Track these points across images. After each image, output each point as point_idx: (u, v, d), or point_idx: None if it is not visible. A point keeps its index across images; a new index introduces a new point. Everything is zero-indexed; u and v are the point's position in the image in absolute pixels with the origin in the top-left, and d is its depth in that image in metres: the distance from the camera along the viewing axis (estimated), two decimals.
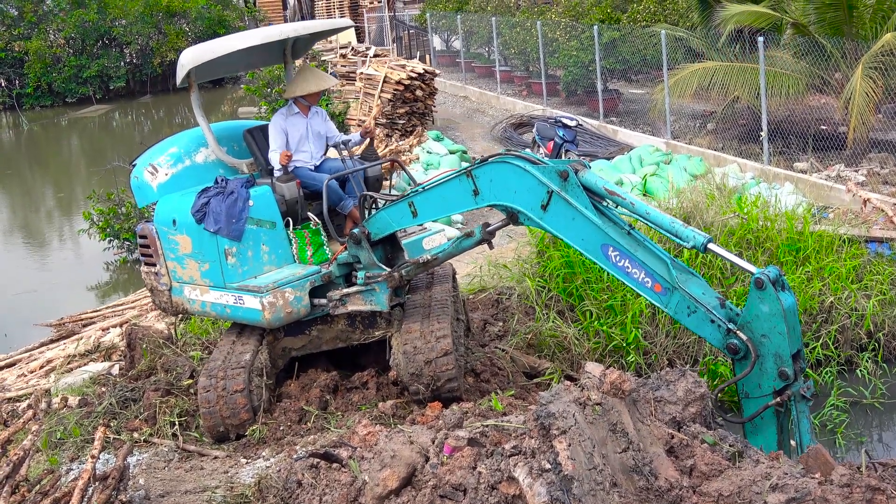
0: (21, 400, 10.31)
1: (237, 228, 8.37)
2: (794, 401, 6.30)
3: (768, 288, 6.11)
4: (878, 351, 10.06)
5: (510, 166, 7.10)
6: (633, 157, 17.30)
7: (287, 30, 9.35)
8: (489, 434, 6.14)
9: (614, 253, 6.67)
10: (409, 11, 42.17)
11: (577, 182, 6.77)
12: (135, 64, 42.34)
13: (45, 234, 21.38)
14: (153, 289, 9.26)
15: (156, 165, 9.09)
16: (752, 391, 6.41)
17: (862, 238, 11.38)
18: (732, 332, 6.33)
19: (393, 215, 8.10)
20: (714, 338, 6.48)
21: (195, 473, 7.54)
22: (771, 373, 6.27)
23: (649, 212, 6.62)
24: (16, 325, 14.20)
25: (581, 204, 6.75)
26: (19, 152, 33.27)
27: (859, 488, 5.03)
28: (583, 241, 6.83)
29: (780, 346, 6.19)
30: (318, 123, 9.39)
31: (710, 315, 6.42)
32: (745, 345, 6.29)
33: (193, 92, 9.18)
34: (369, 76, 22.77)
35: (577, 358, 9.65)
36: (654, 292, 6.60)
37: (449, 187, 7.56)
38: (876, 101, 15.26)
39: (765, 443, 6.38)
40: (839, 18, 16.72)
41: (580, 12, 27.11)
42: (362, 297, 8.42)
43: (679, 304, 6.50)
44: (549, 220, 6.95)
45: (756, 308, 6.22)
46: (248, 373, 8.29)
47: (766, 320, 6.18)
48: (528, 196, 7.02)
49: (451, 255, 8.20)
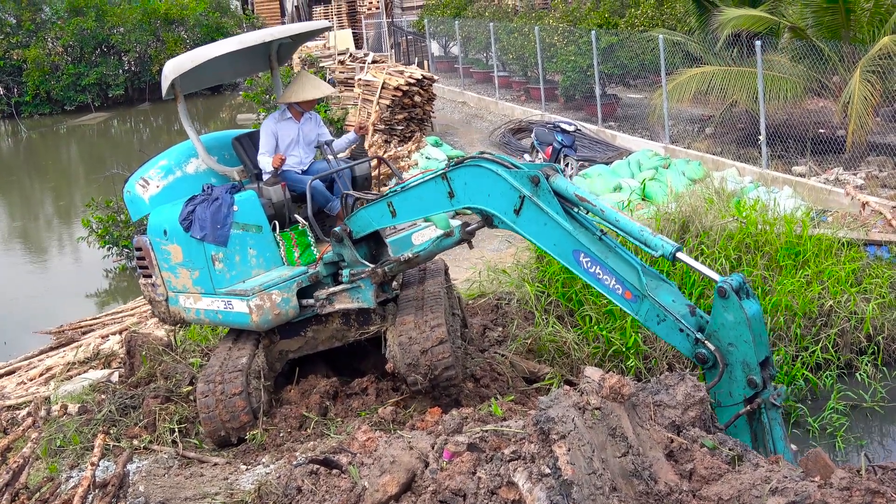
0: (21, 408, 10.31)
1: (222, 234, 8.42)
2: (765, 408, 6.35)
3: (731, 297, 6.15)
4: (878, 354, 10.05)
5: (483, 170, 7.14)
6: (631, 161, 17.30)
7: (264, 34, 9.39)
8: (489, 439, 6.15)
9: (585, 259, 6.71)
10: (407, 17, 42.18)
11: (549, 188, 6.81)
12: (133, 71, 42.36)
13: (44, 241, 21.38)
14: (151, 300, 9.29)
15: (147, 178, 9.15)
16: (724, 400, 6.44)
17: (861, 241, 11.38)
18: (700, 341, 6.36)
19: (373, 214, 8.14)
20: (683, 346, 6.51)
21: (195, 480, 7.53)
22: (740, 381, 6.30)
23: (618, 219, 6.66)
24: (15, 333, 14.20)
25: (552, 209, 6.79)
26: (18, 160, 33.27)
27: (859, 491, 5.03)
28: (555, 247, 6.88)
29: (747, 354, 6.22)
30: (310, 129, 9.44)
31: (678, 324, 6.45)
32: (712, 354, 6.32)
33: (180, 103, 9.25)
34: (368, 82, 22.78)
35: (577, 363, 9.65)
36: (624, 299, 6.64)
37: (425, 189, 7.60)
38: (874, 104, 15.28)
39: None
40: (837, 22, 16.74)
41: (578, 17, 27.13)
42: (349, 294, 8.45)
43: (649, 312, 6.54)
44: (521, 224, 6.99)
45: (721, 317, 6.25)
46: (246, 375, 8.30)
47: (732, 329, 6.22)
48: (501, 200, 7.05)
49: (431, 253, 8.24)
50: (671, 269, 10.00)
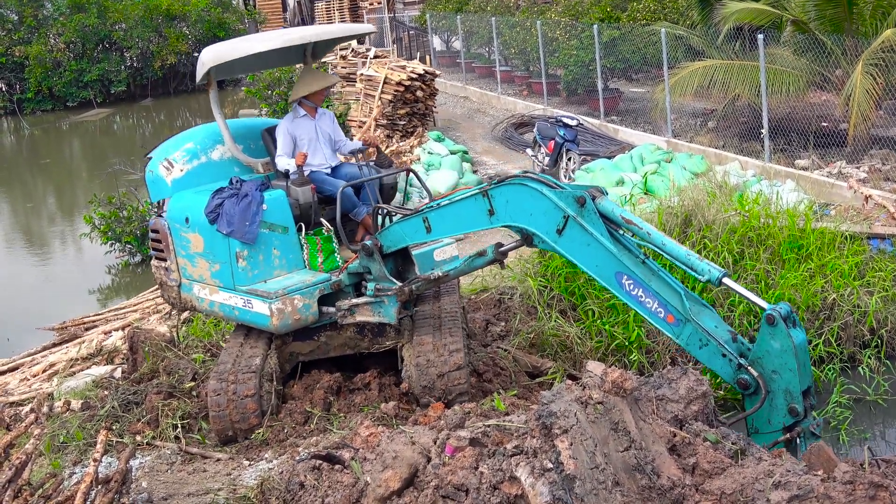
0: (24, 404, 10.32)
1: (251, 232, 8.35)
2: (804, 437, 6.29)
3: (780, 325, 6.09)
4: (881, 348, 10.04)
5: (527, 189, 7.06)
6: (633, 155, 17.28)
7: (308, 34, 9.33)
8: (491, 434, 6.14)
9: (628, 281, 6.65)
10: (408, 12, 42.18)
11: (594, 209, 6.74)
12: (135, 67, 42.37)
13: (46, 238, 21.39)
14: (163, 283, 9.29)
15: (171, 161, 9.07)
16: (762, 427, 6.39)
17: (864, 235, 11.36)
18: (743, 367, 6.32)
19: (407, 230, 8.08)
20: (725, 372, 6.46)
21: (198, 476, 7.54)
22: (781, 409, 6.26)
23: (665, 243, 6.58)
24: (18, 330, 14.21)
25: (597, 231, 6.72)
26: (20, 157, 33.28)
27: (862, 485, 5.02)
28: (597, 268, 6.81)
29: (791, 382, 6.17)
30: (327, 124, 9.37)
31: (721, 349, 6.41)
32: (755, 381, 6.28)
33: (212, 89, 9.20)
34: (370, 77, 22.77)
35: (580, 357, 9.64)
36: (666, 323, 6.58)
37: (464, 206, 7.53)
38: (876, 97, 15.24)
39: None
40: (839, 15, 16.69)
41: (580, 11, 27.09)
42: (371, 308, 8.42)
43: (691, 336, 6.49)
44: (563, 244, 6.92)
45: (767, 344, 6.20)
46: (259, 377, 8.28)
47: (777, 357, 6.17)
48: (543, 219, 6.99)
49: (462, 272, 8.18)
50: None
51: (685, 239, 10.44)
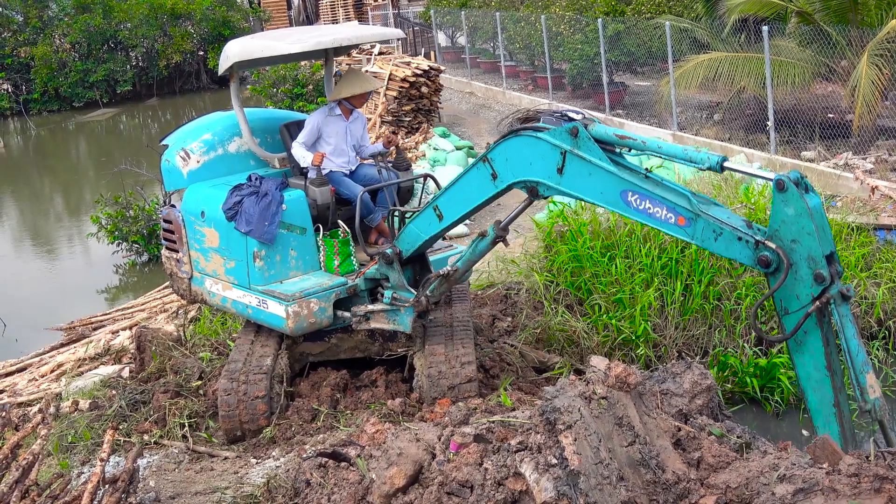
0: (32, 404, 10.35)
1: (270, 232, 8.31)
2: (835, 304, 6.00)
3: (790, 188, 5.89)
4: (889, 339, 10.02)
5: (522, 138, 7.15)
6: None
7: (341, 37, 9.31)
8: (495, 430, 6.15)
9: (634, 197, 6.58)
10: (413, 8, 42.15)
11: (588, 135, 6.75)
12: (141, 67, 42.42)
13: (53, 238, 21.44)
14: (172, 274, 9.31)
15: (188, 151, 9.06)
16: (791, 305, 6.12)
17: (870, 226, 11.33)
18: (761, 243, 6.07)
19: (420, 225, 8.08)
20: (744, 255, 6.23)
21: (205, 474, 7.55)
22: (806, 279, 5.99)
23: (661, 145, 6.59)
24: (26, 330, 14.24)
25: (595, 157, 6.72)
26: (27, 157, 33.36)
27: (867, 477, 5.01)
28: (602, 195, 6.77)
29: (812, 247, 5.93)
30: (357, 129, 9.33)
31: (736, 233, 6.20)
32: (775, 254, 6.02)
33: (234, 82, 9.23)
34: (375, 74, 22.75)
35: (587, 352, 9.63)
36: (678, 227, 6.45)
37: (468, 179, 7.59)
38: (882, 88, 15.19)
39: (812, 360, 6.15)
40: (844, 6, 16.65)
41: (584, 5, 27.02)
42: (386, 315, 8.41)
43: (704, 230, 6.32)
44: (566, 182, 6.93)
45: (781, 213, 5.99)
46: (270, 379, 8.29)
47: (793, 223, 5.95)
48: (543, 164, 7.02)
49: (470, 261, 8.12)
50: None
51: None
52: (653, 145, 6.57)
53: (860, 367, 5.93)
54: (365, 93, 9.21)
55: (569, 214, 11.17)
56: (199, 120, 9.70)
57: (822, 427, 6.08)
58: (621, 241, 10.57)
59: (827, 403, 6.08)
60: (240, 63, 8.97)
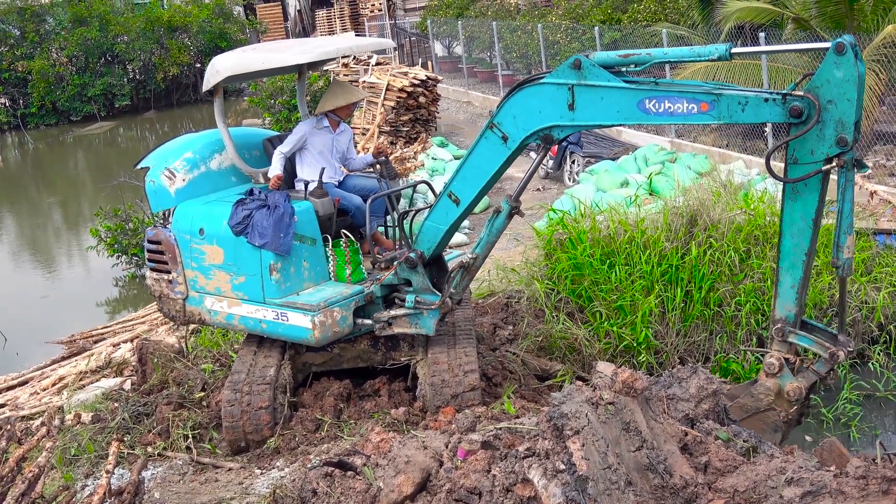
0: (34, 418, 10.33)
1: (286, 244, 8.27)
2: (846, 168, 6.17)
3: (848, 53, 5.92)
4: (890, 343, 10.04)
5: (525, 91, 7.14)
6: (638, 156, 17.29)
7: (343, 47, 9.30)
8: (502, 437, 6.15)
9: (652, 102, 6.58)
10: (409, 19, 42.22)
11: (591, 63, 6.75)
12: (138, 80, 42.42)
13: (53, 251, 21.43)
14: (162, 296, 9.12)
15: (173, 170, 9.00)
16: (803, 157, 6.26)
17: (870, 231, 11.35)
18: (790, 94, 6.13)
19: (437, 217, 8.06)
20: (775, 113, 6.26)
21: (210, 486, 7.55)
22: (829, 139, 6.09)
23: (667, 52, 6.68)
24: (27, 344, 14.23)
25: (604, 80, 6.73)
26: (25, 171, 33.37)
27: (875, 479, 5.02)
28: (618, 113, 6.77)
29: (846, 112, 6.01)
30: (343, 142, 9.34)
31: (761, 95, 6.25)
32: (807, 102, 6.07)
33: (218, 97, 9.15)
34: (372, 84, 22.79)
35: (588, 359, 9.65)
36: (702, 113, 6.46)
37: (478, 152, 7.58)
38: (879, 93, 15.24)
39: (801, 210, 6.41)
40: (840, 12, 16.70)
41: (581, 14, 27.11)
42: (409, 320, 8.39)
43: (730, 105, 6.34)
44: (580, 115, 6.93)
45: (829, 73, 6.01)
46: (273, 389, 8.28)
47: (838, 86, 5.99)
48: (552, 107, 7.02)
49: (489, 244, 8.03)
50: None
51: (691, 239, 10.44)
52: (658, 53, 6.65)
53: (846, 227, 6.27)
54: (350, 104, 9.21)
55: (568, 222, 11.19)
56: (172, 141, 9.64)
57: (787, 269, 6.52)
58: (621, 248, 10.58)
59: (800, 251, 6.48)
60: (232, 77, 8.94)
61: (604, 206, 12.11)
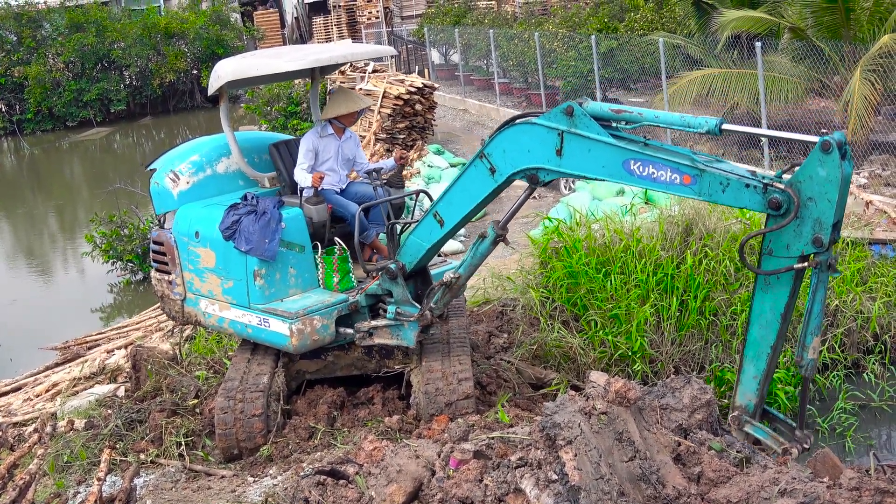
0: (27, 424, 10.30)
1: (271, 249, 8.26)
2: (819, 269, 6.09)
3: (834, 153, 5.82)
4: (885, 353, 10.03)
5: (517, 127, 7.14)
6: None
7: (338, 54, 9.32)
8: (495, 446, 6.13)
9: (637, 164, 6.54)
10: (406, 26, 42.24)
11: (584, 112, 6.75)
12: (134, 86, 42.45)
13: (48, 257, 21.40)
14: (164, 296, 9.24)
15: (177, 173, 9.04)
16: (778, 250, 6.18)
17: (865, 240, 11.36)
18: (770, 185, 6.04)
19: (421, 234, 8.05)
20: (754, 201, 6.18)
21: (202, 493, 7.52)
22: (805, 237, 6.01)
23: (658, 115, 6.61)
24: (21, 349, 14.21)
25: (593, 132, 6.71)
26: (21, 177, 33.34)
27: (868, 491, 5.01)
28: (604, 168, 6.73)
29: (825, 212, 5.92)
30: (350, 148, 9.34)
31: (743, 181, 6.15)
32: (787, 196, 5.98)
33: (223, 102, 9.20)
34: (368, 92, 22.79)
35: (583, 368, 9.63)
36: (684, 186, 6.40)
37: (466, 178, 7.56)
38: (875, 103, 15.26)
39: (771, 302, 6.31)
40: (836, 21, 16.73)
41: (577, 22, 27.14)
42: (390, 331, 8.38)
43: (711, 183, 6.26)
44: (566, 163, 6.90)
45: (813, 169, 5.91)
46: (266, 397, 8.26)
47: (820, 184, 5.90)
48: (541, 148, 7.00)
49: (472, 266, 7.99)
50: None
51: (686, 248, 10.43)
52: (649, 115, 6.61)
53: (813, 328, 6.17)
54: (354, 112, 9.20)
55: (564, 231, 11.18)
56: (184, 144, 9.69)
57: (751, 359, 6.49)
58: (616, 257, 10.57)
59: (766, 343, 6.42)
60: (233, 82, 8.96)
61: (599, 215, 12.10)
